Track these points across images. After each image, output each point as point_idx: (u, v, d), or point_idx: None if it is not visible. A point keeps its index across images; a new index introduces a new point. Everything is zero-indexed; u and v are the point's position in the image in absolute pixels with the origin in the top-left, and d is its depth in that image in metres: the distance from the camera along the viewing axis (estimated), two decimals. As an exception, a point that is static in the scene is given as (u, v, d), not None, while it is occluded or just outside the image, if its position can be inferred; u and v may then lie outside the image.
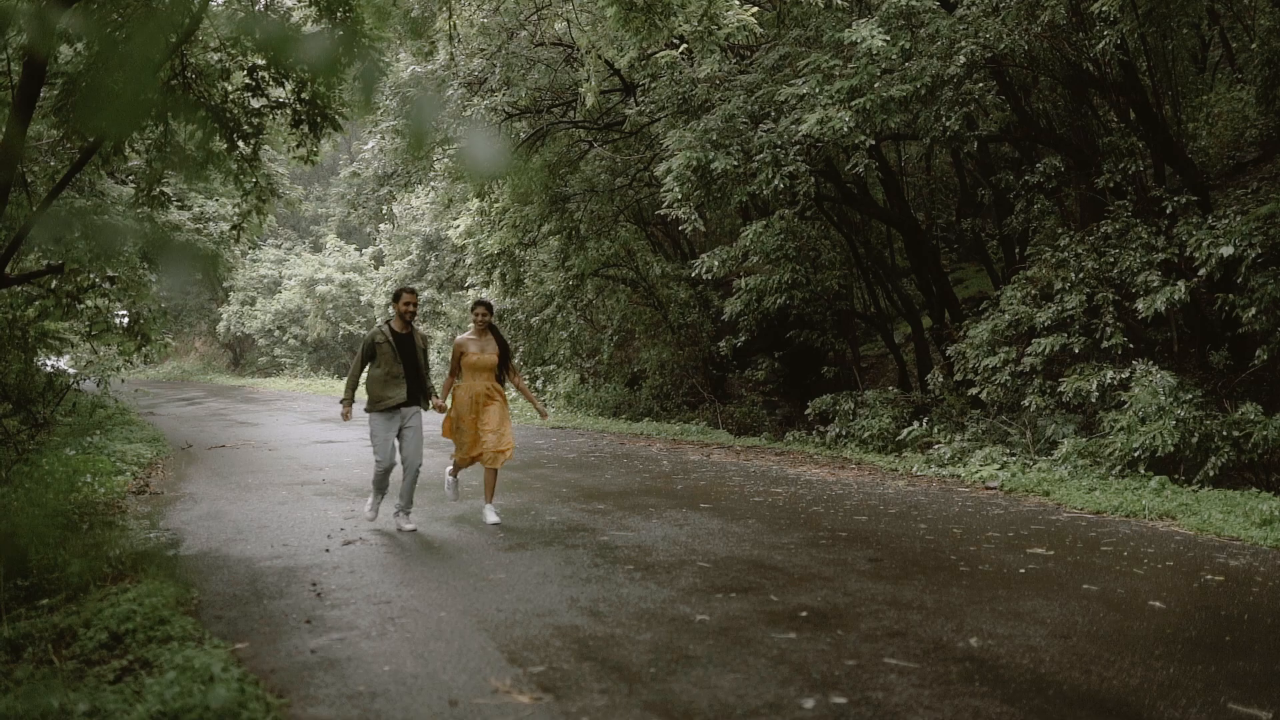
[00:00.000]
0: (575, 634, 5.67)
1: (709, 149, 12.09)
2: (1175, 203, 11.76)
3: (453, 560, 7.74)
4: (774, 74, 13.12)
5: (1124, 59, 12.68)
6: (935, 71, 11.66)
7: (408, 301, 9.08)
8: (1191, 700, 4.37)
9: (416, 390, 9.09)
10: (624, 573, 7.12)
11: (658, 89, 14.34)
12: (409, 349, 9.07)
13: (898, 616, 5.80)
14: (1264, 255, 10.56)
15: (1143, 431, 10.02)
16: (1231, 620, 5.59)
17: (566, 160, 18.92)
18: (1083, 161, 13.75)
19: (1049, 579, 6.65)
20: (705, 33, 10.92)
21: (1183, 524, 8.35)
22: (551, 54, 16.06)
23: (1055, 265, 12.33)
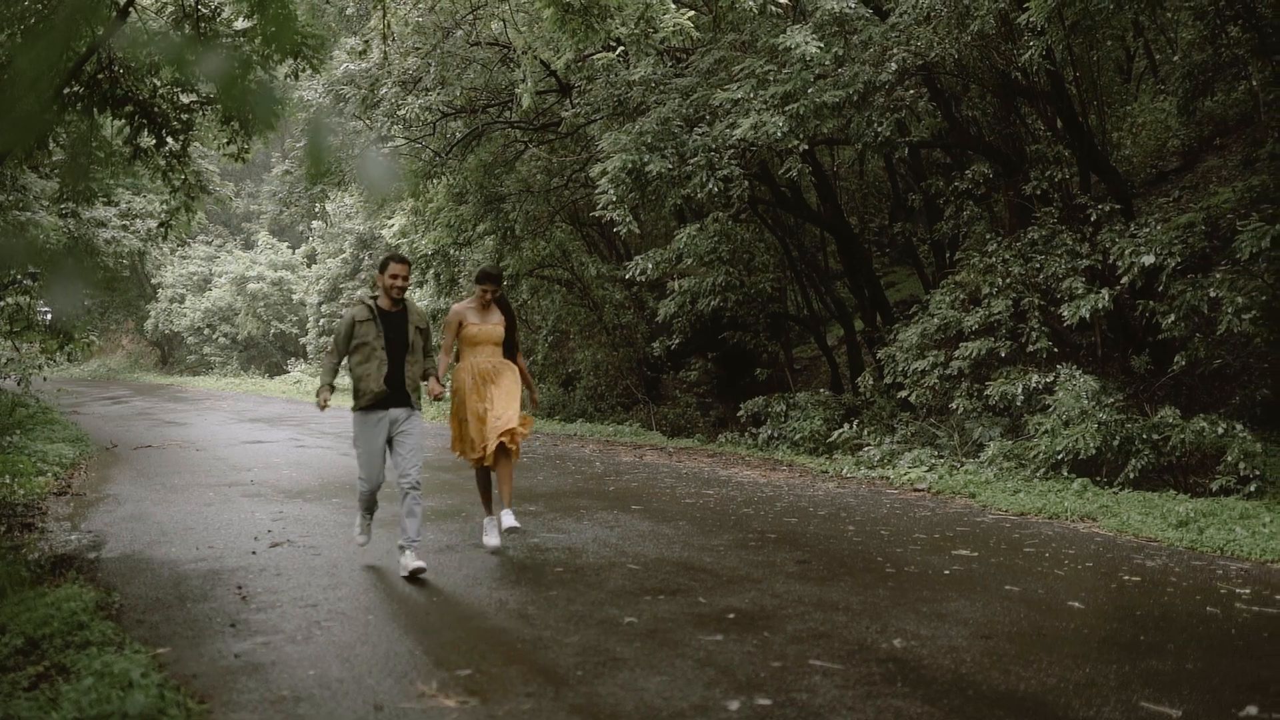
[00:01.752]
0: (503, 637, 5.67)
1: (644, 152, 12.12)
2: (1100, 210, 12.00)
3: (382, 562, 7.69)
4: (709, 78, 13.18)
5: (1051, 69, 12.92)
6: (868, 78, 11.79)
7: (395, 274, 7.36)
8: (1105, 699, 4.48)
9: (406, 383, 7.42)
10: (553, 575, 7.12)
11: (594, 91, 14.35)
12: (399, 330, 7.37)
13: (824, 618, 5.86)
14: (1183, 264, 10.81)
15: (1066, 434, 10.22)
16: (1146, 620, 5.73)
17: (502, 160, 18.85)
18: (1011, 168, 13.98)
19: (972, 580, 6.76)
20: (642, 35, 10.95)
21: (1103, 525, 8.53)
22: (488, 54, 15.99)
23: (983, 270, 12.53)
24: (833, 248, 18.56)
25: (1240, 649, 5.16)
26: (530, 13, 14.05)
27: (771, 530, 8.69)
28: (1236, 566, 7.03)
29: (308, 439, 17.95)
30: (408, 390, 7.43)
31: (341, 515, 9.80)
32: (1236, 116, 17.19)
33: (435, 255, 20.86)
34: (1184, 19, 16.65)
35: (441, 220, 20.11)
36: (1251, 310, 10.06)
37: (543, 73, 14.93)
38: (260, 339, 41.89)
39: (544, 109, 17.24)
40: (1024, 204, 13.48)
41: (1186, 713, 4.31)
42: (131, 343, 50.39)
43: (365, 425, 7.38)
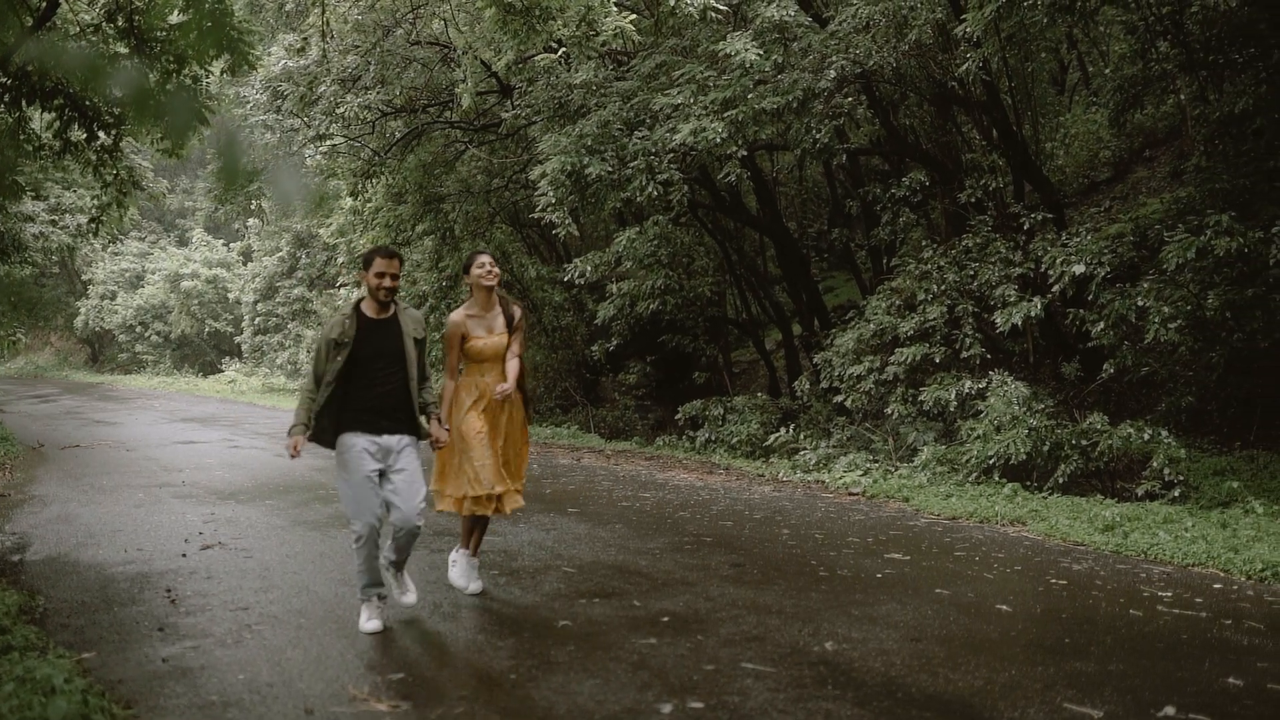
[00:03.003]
0: (436, 640, 5.65)
1: (584, 154, 12.14)
2: (1032, 220, 12.20)
3: (315, 565, 7.62)
4: (650, 82, 13.22)
5: (987, 79, 13.11)
6: (807, 85, 11.90)
7: (382, 271, 5.88)
8: (1030, 700, 4.56)
9: (406, 409, 6.01)
10: (488, 578, 7.10)
11: (535, 92, 14.33)
12: (391, 342, 5.96)
13: (757, 621, 5.91)
14: (1112, 273, 11.02)
15: (997, 440, 10.37)
16: (1072, 622, 5.84)
17: (442, 160, 18.76)
18: (947, 177, 14.18)
19: (904, 584, 6.84)
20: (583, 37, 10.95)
21: (1032, 529, 8.68)
22: (428, 53, 15.89)
23: (919, 277, 12.69)
24: (772, 252, 18.68)
25: (1160, 650, 5.27)
26: (472, 12, 13.99)
27: (707, 534, 8.73)
28: (1159, 570, 7.18)
29: (241, 439, 17.73)
30: (405, 415, 6.01)
31: (274, 517, 9.69)
32: (1165, 130, 17.58)
33: (373, 255, 20.68)
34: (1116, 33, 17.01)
35: (380, 220, 19.98)
36: (1177, 320, 10.28)
37: (483, 73, 14.88)
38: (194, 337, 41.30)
39: (485, 109, 17.20)
40: (959, 212, 13.67)
41: (1108, 713, 4.40)
42: (60, 340, 49.39)
43: (354, 458, 5.82)
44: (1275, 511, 8.61)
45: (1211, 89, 12.94)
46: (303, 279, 34.89)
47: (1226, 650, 5.28)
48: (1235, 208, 10.62)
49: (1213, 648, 5.32)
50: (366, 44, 14.77)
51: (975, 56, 11.26)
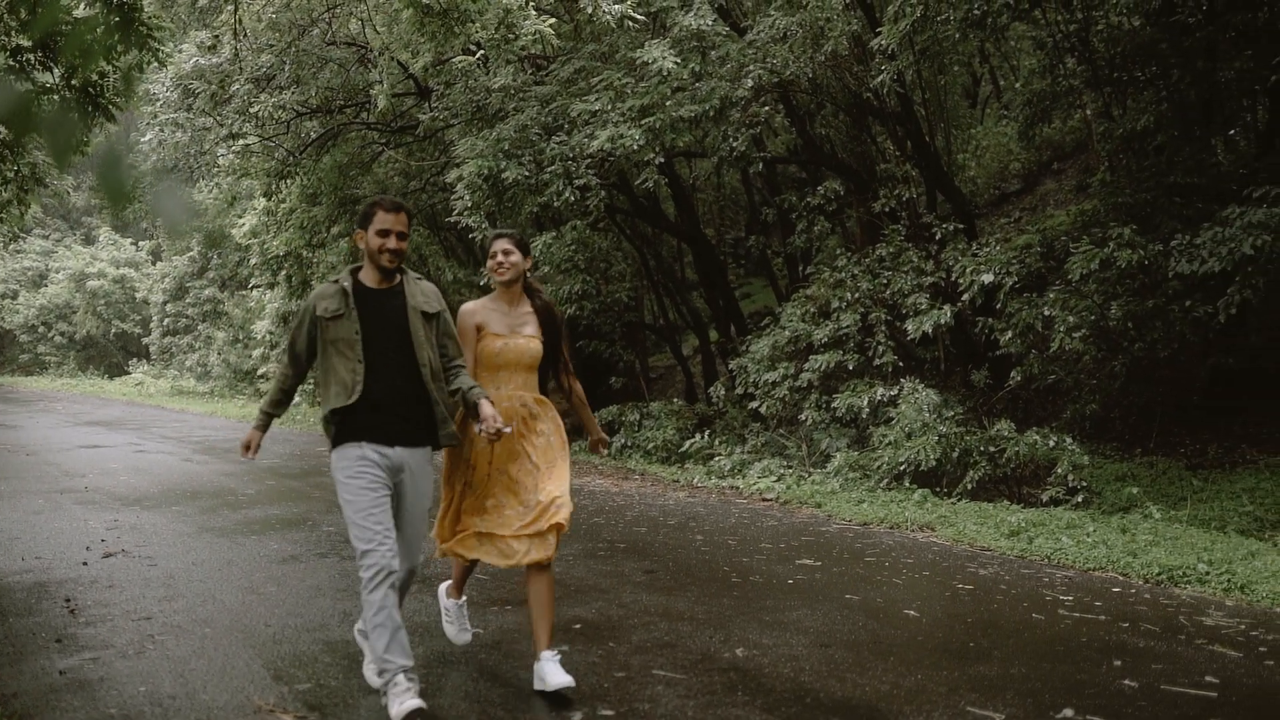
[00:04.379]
0: (346, 649, 5.57)
1: (501, 158, 12.09)
2: (944, 229, 12.42)
3: (222, 573, 7.48)
4: (569, 87, 13.21)
5: (901, 91, 13.34)
6: (724, 93, 11.99)
7: (386, 229, 4.65)
8: (935, 704, 4.63)
9: (420, 409, 4.73)
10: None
11: (453, 95, 14.23)
12: (393, 322, 4.70)
13: (669, 628, 5.93)
14: (1020, 283, 11.27)
15: (908, 446, 10.54)
16: (976, 627, 5.95)
17: (358, 162, 18.54)
18: (862, 186, 14.39)
19: (815, 589, 6.92)
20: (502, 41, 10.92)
21: (941, 535, 8.83)
22: (345, 54, 15.71)
23: (833, 285, 12.84)
24: (689, 258, 18.79)
25: (1061, 654, 5.40)
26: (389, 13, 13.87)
27: (621, 540, 8.74)
28: (1061, 574, 7.35)
29: (148, 444, 17.33)
30: (420, 417, 4.73)
31: (180, 524, 9.49)
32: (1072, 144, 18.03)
33: (287, 257, 20.40)
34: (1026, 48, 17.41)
35: (294, 221, 19.69)
36: (1081, 329, 10.54)
37: (401, 74, 14.74)
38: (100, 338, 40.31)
39: (402, 111, 17.04)
40: (874, 221, 13.88)
41: (1009, 716, 4.49)
42: (-41, 340, 47.91)
43: (355, 471, 4.57)
44: (1172, 517, 8.88)
45: (1116, 105, 13.30)
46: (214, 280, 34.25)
47: (1123, 653, 5.42)
48: (1137, 221, 10.92)
49: (1110, 650, 5.46)
50: (281, 43, 14.55)
51: (890, 69, 11.43)
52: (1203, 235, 9.41)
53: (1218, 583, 6.85)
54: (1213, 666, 5.18)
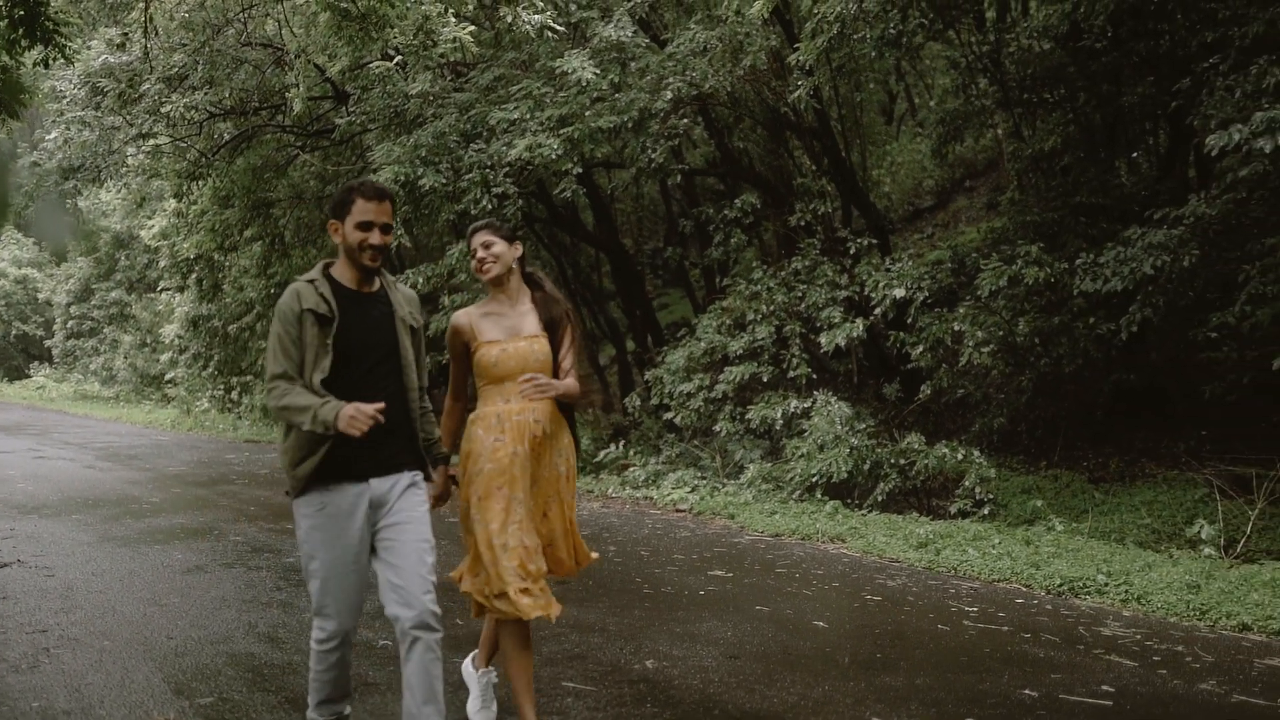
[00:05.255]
0: (250, 662, 5.48)
1: (418, 165, 12.00)
2: (859, 244, 12.58)
3: (123, 584, 7.30)
4: (488, 95, 13.16)
5: (818, 107, 13.51)
6: (644, 105, 12.03)
7: (368, 221, 3.94)
8: (841, 715, 4.69)
9: (405, 429, 4.07)
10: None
11: (370, 100, 14.09)
12: (381, 329, 4.02)
13: (580, 639, 5.92)
14: (931, 298, 11.47)
15: (820, 458, 10.65)
16: (884, 638, 6.03)
17: (273, 165, 18.26)
18: (779, 199, 14.53)
19: (726, 601, 6.96)
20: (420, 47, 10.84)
21: (851, 546, 8.94)
22: (261, 55, 15.46)
23: (749, 297, 12.94)
24: (607, 268, 18.81)
25: (965, 664, 5.50)
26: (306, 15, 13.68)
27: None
28: (967, 585, 7.48)
29: (49, 449, 16.87)
30: (403, 441, 4.05)
31: (80, 533, 9.25)
32: (984, 162, 18.43)
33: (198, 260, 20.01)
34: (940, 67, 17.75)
35: (205, 224, 19.32)
36: (990, 344, 10.76)
37: (317, 78, 14.56)
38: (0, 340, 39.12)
39: (319, 115, 16.83)
40: (790, 234, 14.01)
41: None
42: None
43: (323, 519, 3.89)
44: (1074, 529, 9.09)
45: (1026, 126, 13.60)
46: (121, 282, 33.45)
47: (1025, 663, 5.53)
48: (1044, 239, 11.17)
49: (1012, 661, 5.57)
50: (195, 42, 14.28)
51: (807, 84, 11.57)
52: (1106, 255, 9.65)
53: (1116, 594, 7.03)
54: (1109, 676, 5.31)
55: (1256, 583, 6.93)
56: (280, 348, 3.88)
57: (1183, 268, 9.28)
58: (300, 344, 3.86)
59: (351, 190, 3.99)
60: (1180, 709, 4.85)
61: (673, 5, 15.12)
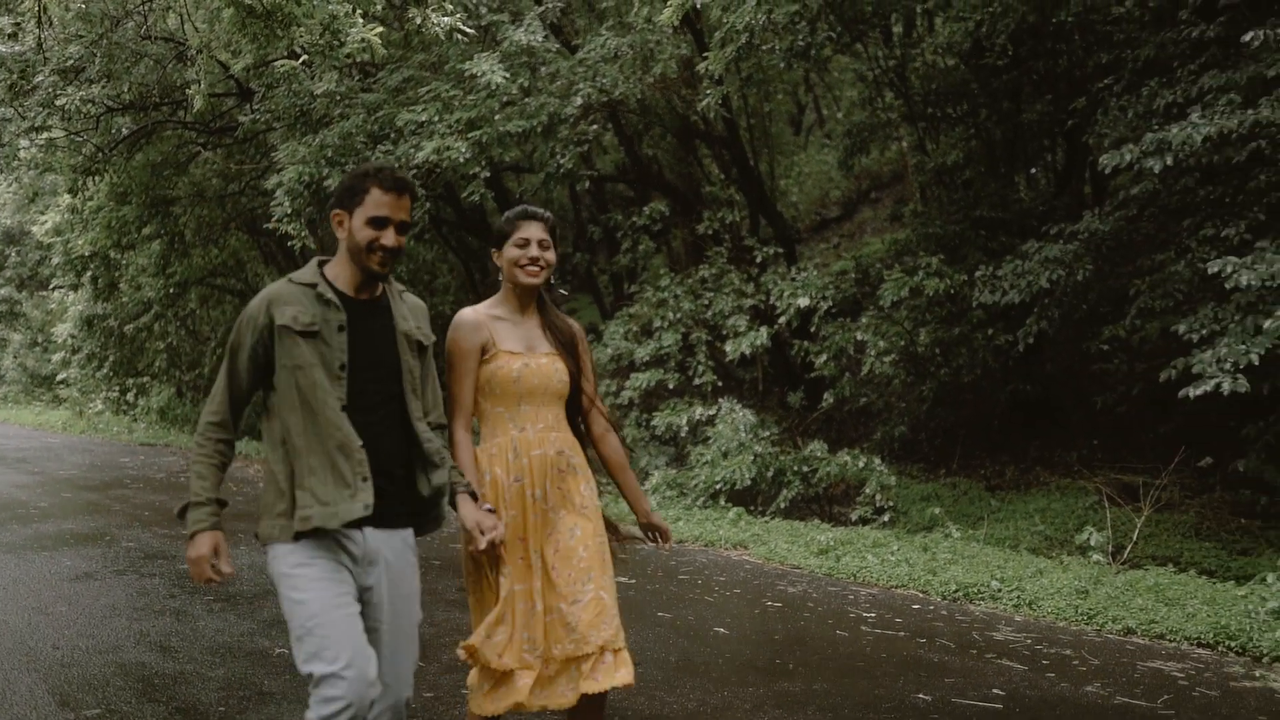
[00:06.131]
0: (141, 672, 5.34)
1: (324, 165, 11.83)
2: (765, 253, 12.71)
3: (7, 592, 7.07)
4: (397, 96, 13.01)
5: (728, 116, 13.62)
6: (553, 110, 12.00)
7: (382, 217, 3.21)
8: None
9: (403, 471, 3.31)
10: (203, 604, 6.78)
11: (276, 98, 13.84)
12: (379, 351, 3.29)
13: (480, 646, 5.87)
14: (835, 307, 11.63)
15: (724, 465, 10.73)
16: (783, 644, 6.10)
17: (173, 162, 17.83)
18: (687, 207, 14.62)
19: (628, 608, 6.93)
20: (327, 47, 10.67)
21: (753, 553, 9.01)
22: (162, 49, 15.10)
23: (656, 304, 12.99)
24: (516, 273, 18.73)
25: (861, 669, 5.58)
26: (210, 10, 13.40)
27: (436, 557, 8.64)
28: (866, 592, 7.60)
29: (-67, 451, 16.28)
30: (402, 489, 3.30)
31: None
32: (889, 174, 18.73)
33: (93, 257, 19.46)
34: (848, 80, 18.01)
35: (101, 221, 18.78)
36: (892, 354, 10.95)
37: (221, 74, 14.27)
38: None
39: (222, 112, 16.49)
40: (697, 242, 14.11)
41: (809, 732, 4.62)
42: None
43: (315, 572, 3.11)
44: (970, 536, 9.28)
45: (930, 140, 13.88)
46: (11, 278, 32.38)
47: (920, 667, 5.63)
48: (945, 252, 11.39)
49: (908, 666, 5.67)
50: (92, 34, 13.89)
51: (716, 93, 11.65)
52: (1005, 268, 9.88)
53: (1008, 599, 7.20)
54: (1000, 680, 5.43)
55: (1141, 588, 7.15)
56: (225, 367, 3.21)
57: (1077, 282, 9.54)
58: (252, 370, 3.18)
59: (366, 176, 3.23)
60: (1067, 711, 4.98)
61: (584, 11, 15.13)
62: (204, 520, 3.12)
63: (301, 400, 3.12)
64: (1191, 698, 5.21)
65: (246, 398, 3.22)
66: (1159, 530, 9.05)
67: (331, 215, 3.29)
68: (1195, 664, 5.81)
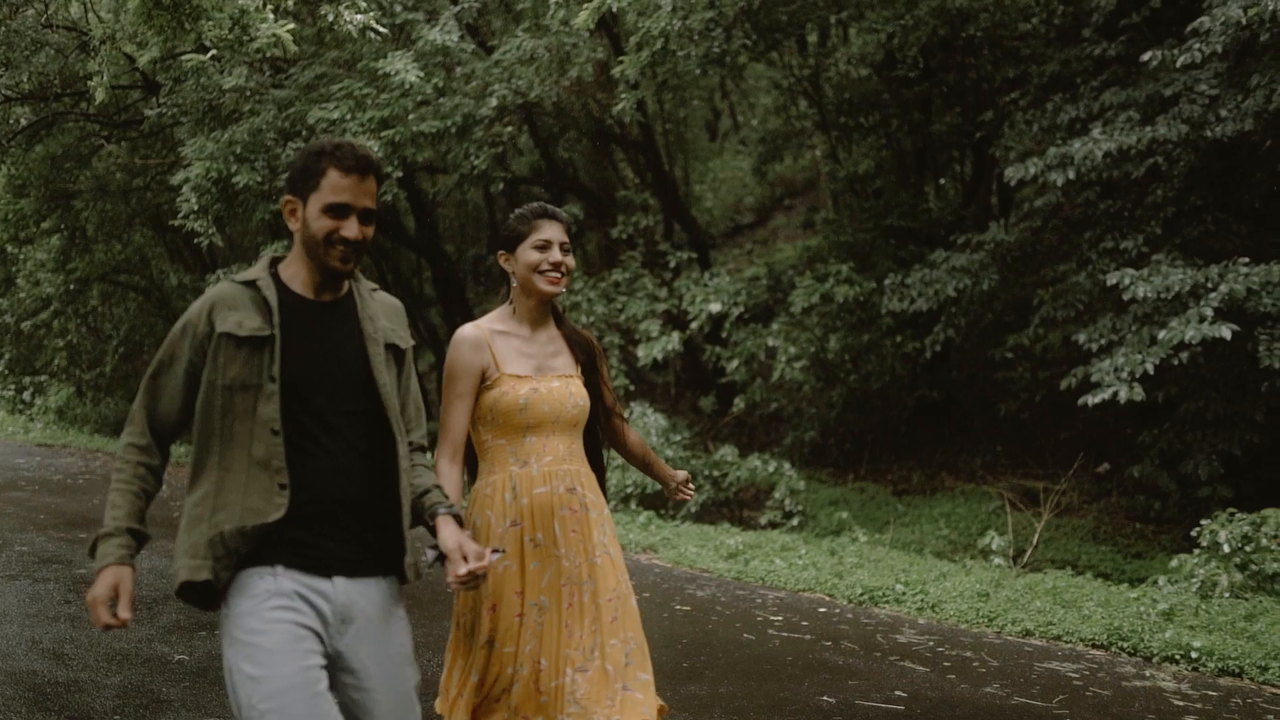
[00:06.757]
0: (32, 680, 5.18)
1: (233, 161, 11.61)
2: (679, 258, 12.78)
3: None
4: (309, 93, 12.83)
5: (643, 121, 13.67)
6: (468, 110, 11.94)
7: (342, 203, 2.65)
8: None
9: (383, 508, 2.72)
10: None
11: (183, 92, 13.56)
12: (342, 360, 2.71)
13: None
14: (747, 313, 11.74)
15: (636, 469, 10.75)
16: (691, 647, 6.12)
17: (75, 154, 17.37)
18: (602, 211, 14.63)
19: (537, 611, 6.94)
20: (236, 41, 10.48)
21: (663, 556, 9.04)
22: (64, 38, 14.71)
23: (569, 307, 12.98)
24: (428, 274, 18.58)
25: (767, 672, 5.63)
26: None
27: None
28: (773, 595, 7.66)
29: None
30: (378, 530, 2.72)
31: None
32: (803, 182, 18.95)
33: (-12, 252, 18.91)
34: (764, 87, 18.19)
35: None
36: (802, 359, 11.08)
37: (126, 66, 13.94)
38: None
39: (128, 104, 16.12)
40: (612, 246, 14.13)
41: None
42: None
43: (272, 632, 2.51)
44: (876, 540, 9.43)
45: (842, 149, 14.08)
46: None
47: (825, 670, 5.70)
48: (856, 259, 11.57)
49: (813, 668, 5.73)
50: (-10, 22, 13.48)
51: (631, 98, 11.68)
52: (913, 276, 10.07)
53: (912, 602, 7.31)
54: (902, 681, 5.52)
55: (1040, 591, 7.32)
56: (149, 385, 2.68)
57: (983, 291, 9.76)
58: (188, 383, 2.64)
59: (322, 155, 2.67)
60: (966, 712, 5.08)
61: (501, 12, 15.06)
62: (109, 554, 2.56)
63: (233, 427, 2.59)
64: (1085, 697, 5.34)
65: (175, 418, 2.68)
66: (1058, 534, 9.29)
67: (283, 203, 2.75)
68: (1090, 664, 5.96)
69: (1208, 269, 7.84)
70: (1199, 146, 8.49)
